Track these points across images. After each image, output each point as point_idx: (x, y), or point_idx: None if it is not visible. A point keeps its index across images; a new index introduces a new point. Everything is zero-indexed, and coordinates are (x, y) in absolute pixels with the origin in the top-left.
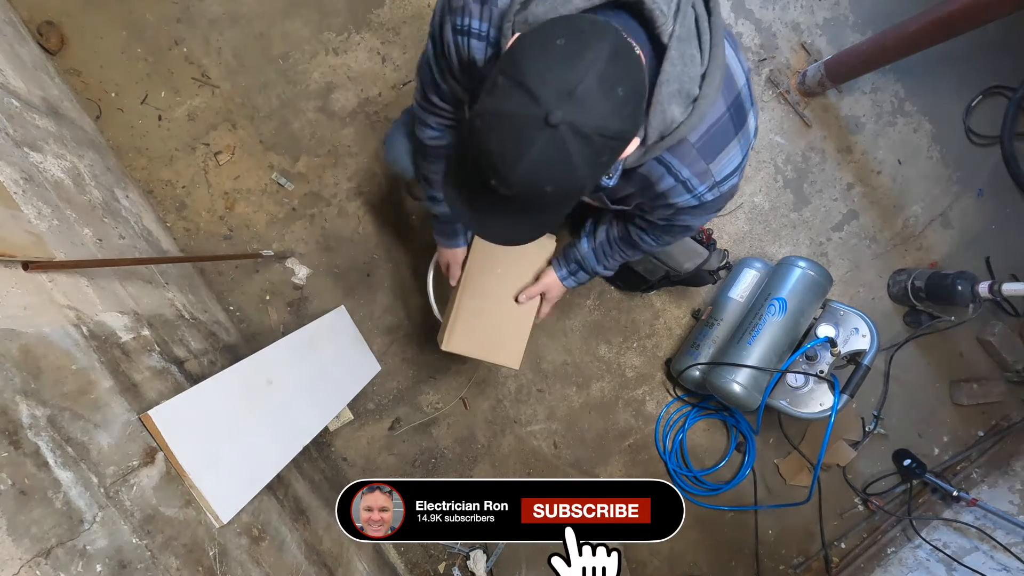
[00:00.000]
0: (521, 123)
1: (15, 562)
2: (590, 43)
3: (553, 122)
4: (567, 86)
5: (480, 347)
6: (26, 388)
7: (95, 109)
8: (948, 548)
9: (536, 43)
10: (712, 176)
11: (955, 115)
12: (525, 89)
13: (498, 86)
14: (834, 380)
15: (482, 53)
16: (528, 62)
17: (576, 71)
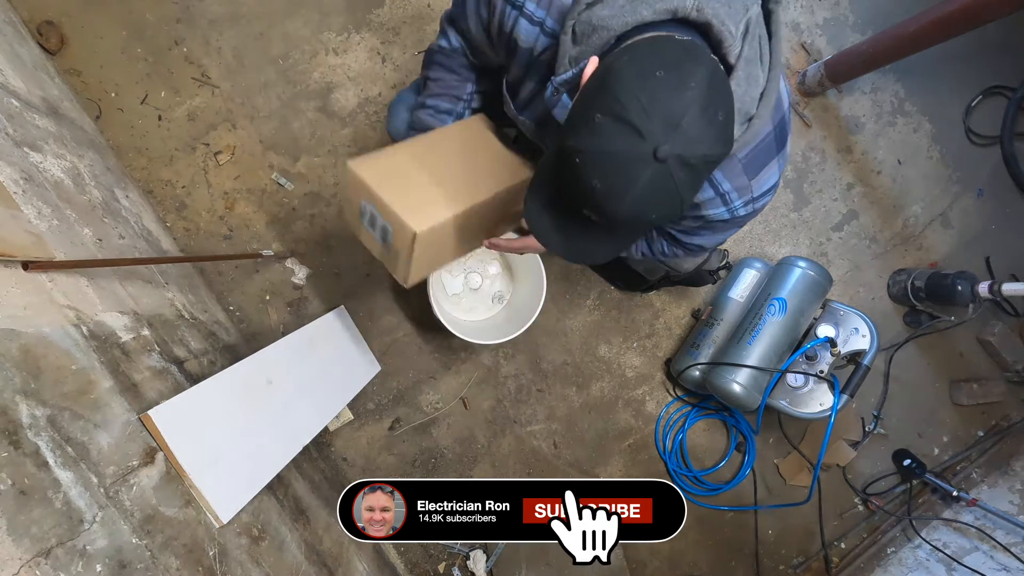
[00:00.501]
0: (627, 160)
1: (15, 562)
2: (690, 71)
3: (661, 157)
4: (672, 119)
5: (388, 189)
6: (26, 388)
7: (95, 109)
8: (948, 548)
9: (634, 75)
10: (751, 192)
11: (955, 115)
12: (630, 126)
13: (598, 124)
14: (834, 380)
15: (530, 37)
16: (629, 97)
17: (680, 102)
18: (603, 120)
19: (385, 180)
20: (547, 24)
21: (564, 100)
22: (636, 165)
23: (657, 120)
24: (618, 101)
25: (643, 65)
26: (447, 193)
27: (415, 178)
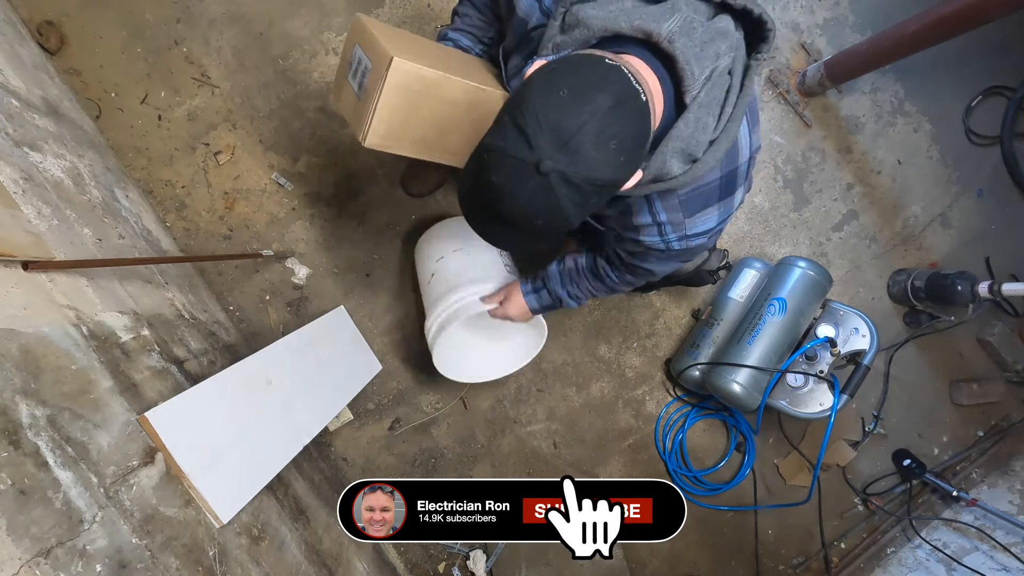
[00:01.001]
0: (517, 165)
1: (15, 562)
2: (591, 95)
3: (543, 171)
4: (561, 137)
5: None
6: (26, 388)
7: (95, 109)
8: (948, 548)
9: (541, 89)
10: (684, 229)
11: (955, 115)
12: (523, 134)
13: (503, 124)
14: (834, 380)
15: (528, 9)
16: (529, 109)
17: (572, 123)
18: (508, 123)
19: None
20: (545, 2)
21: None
22: (523, 172)
23: (546, 136)
24: (520, 109)
25: (554, 81)
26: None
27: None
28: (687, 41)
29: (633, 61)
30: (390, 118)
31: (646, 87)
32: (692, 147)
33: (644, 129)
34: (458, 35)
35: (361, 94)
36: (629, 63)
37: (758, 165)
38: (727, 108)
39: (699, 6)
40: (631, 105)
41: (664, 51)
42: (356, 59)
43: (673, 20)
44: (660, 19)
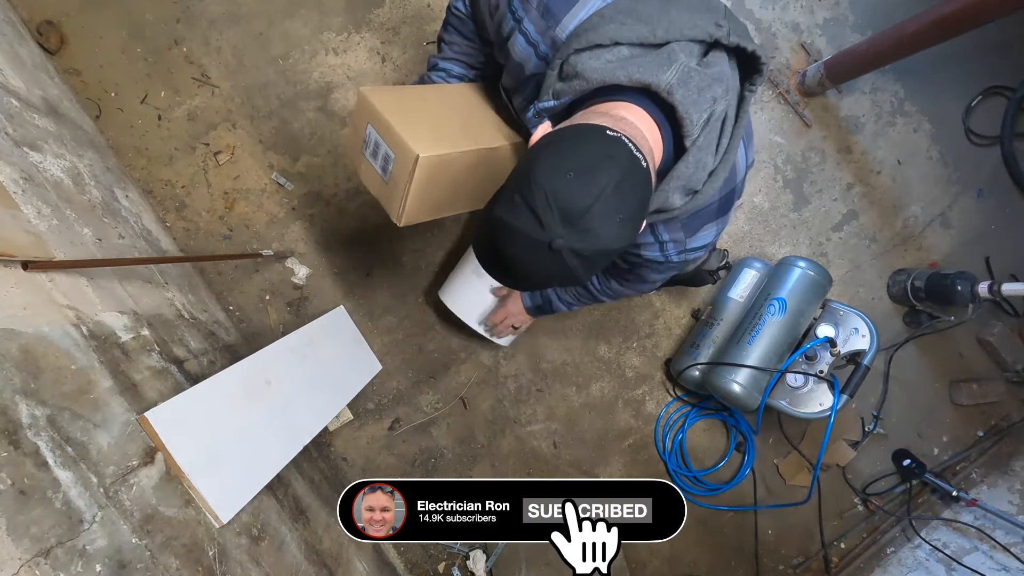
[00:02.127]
0: (529, 241)
1: (15, 562)
2: (596, 176)
3: (555, 248)
4: (571, 218)
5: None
6: (26, 388)
7: (95, 109)
8: (948, 548)
9: (549, 172)
10: (685, 245)
11: (955, 115)
12: (534, 214)
13: (513, 202)
14: (834, 380)
15: (524, 54)
16: (538, 190)
17: (581, 203)
18: (519, 201)
19: (394, 108)
20: (540, 48)
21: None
22: (535, 248)
23: (556, 215)
24: (530, 190)
25: (560, 161)
26: (454, 132)
27: (424, 112)
28: (685, 91)
29: (632, 112)
30: (420, 200)
31: (645, 147)
32: (693, 183)
33: (647, 195)
34: (449, 64)
35: (388, 179)
36: (628, 122)
37: (758, 165)
38: (723, 140)
39: (693, 48)
40: (635, 178)
41: (663, 100)
42: (373, 141)
43: (671, 71)
44: (658, 71)
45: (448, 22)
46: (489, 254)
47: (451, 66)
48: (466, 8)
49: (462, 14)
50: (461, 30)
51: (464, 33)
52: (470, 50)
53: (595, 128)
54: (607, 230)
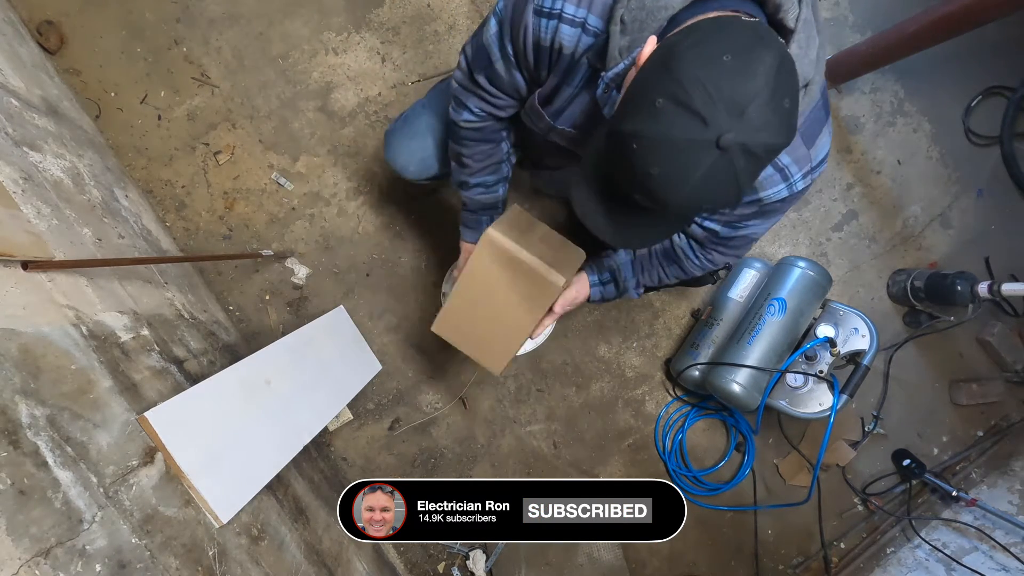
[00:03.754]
0: (688, 147)
1: (14, 562)
2: (759, 57)
3: (724, 145)
4: (738, 107)
5: (467, 341)
6: (25, 388)
7: (94, 108)
8: (947, 548)
9: (699, 59)
10: (810, 161)
11: (955, 115)
12: (693, 112)
13: (659, 109)
14: (833, 380)
15: (572, 40)
16: (693, 82)
17: (747, 89)
18: (665, 104)
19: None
20: (589, 22)
21: (614, 97)
22: (697, 153)
23: (722, 107)
24: (681, 86)
25: (709, 49)
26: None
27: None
28: None
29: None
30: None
31: None
32: (806, 69)
33: (797, 82)
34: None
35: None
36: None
37: None
38: (818, 15)
39: None
40: (788, 61)
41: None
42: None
43: None
44: None
45: (462, 137)
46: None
47: (484, 178)
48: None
49: (475, 120)
50: (478, 137)
51: (483, 137)
52: (492, 150)
53: (728, 17)
54: (777, 118)
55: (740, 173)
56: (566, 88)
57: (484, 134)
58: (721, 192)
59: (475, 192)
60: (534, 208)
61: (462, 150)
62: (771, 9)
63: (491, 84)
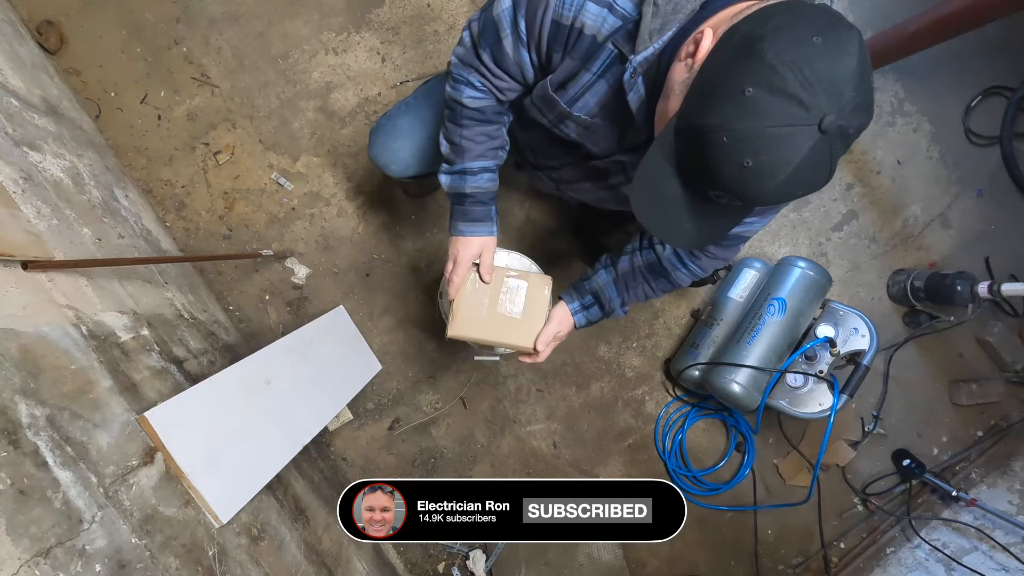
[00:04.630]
0: (788, 135)
1: (14, 562)
2: (846, 36)
3: (826, 128)
4: (837, 88)
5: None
6: (25, 388)
7: (94, 108)
8: (947, 548)
9: (789, 42)
10: None
11: (955, 115)
12: (791, 97)
13: (751, 98)
14: (833, 380)
15: (597, 21)
16: (787, 67)
17: (842, 70)
18: (756, 93)
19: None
20: (617, 2)
21: (639, 87)
22: (797, 139)
23: (820, 90)
24: (776, 71)
25: (798, 31)
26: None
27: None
28: None
29: None
30: None
31: None
32: None
33: None
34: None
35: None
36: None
37: None
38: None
39: None
40: (863, 41)
41: None
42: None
43: None
44: None
45: (464, 117)
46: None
47: (487, 163)
48: (483, 91)
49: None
50: (480, 117)
51: (485, 118)
52: (495, 132)
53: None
54: (867, 98)
55: (835, 156)
56: (584, 74)
57: (486, 115)
58: (815, 179)
59: (482, 180)
60: (533, 207)
61: (462, 131)
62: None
63: (495, 63)
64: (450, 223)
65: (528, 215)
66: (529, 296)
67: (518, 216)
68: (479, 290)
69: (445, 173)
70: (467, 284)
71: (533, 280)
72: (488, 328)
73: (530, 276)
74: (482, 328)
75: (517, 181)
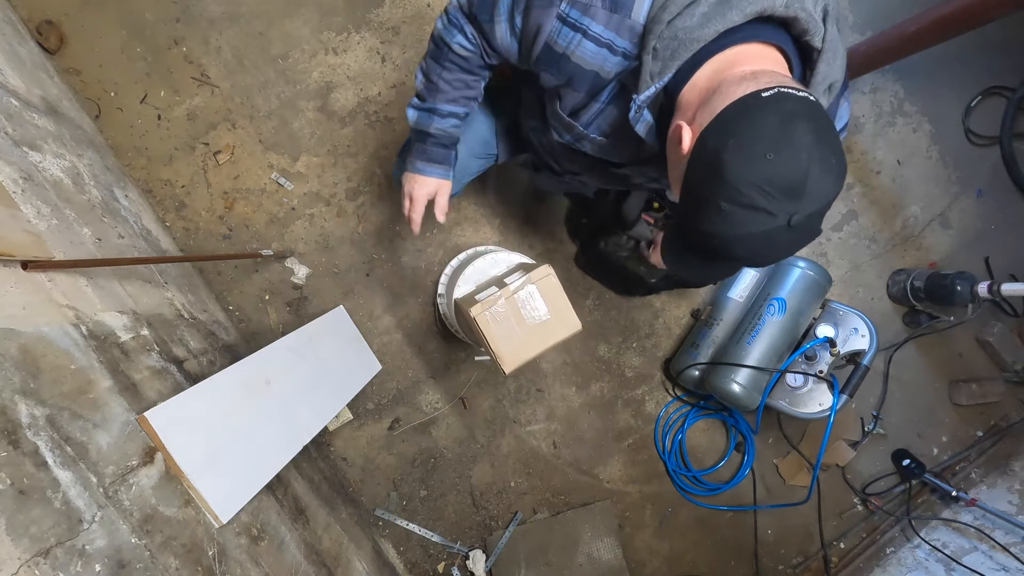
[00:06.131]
0: (760, 236)
1: (14, 562)
2: (796, 139)
3: (795, 224)
4: (796, 191)
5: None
6: (25, 388)
7: (94, 108)
8: (947, 548)
9: (744, 163)
10: None
11: (954, 115)
12: (758, 209)
13: (727, 212)
14: (833, 380)
15: (596, 59)
16: (747, 185)
17: (798, 173)
18: (730, 208)
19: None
20: (617, 44)
21: (646, 116)
22: (774, 236)
23: (781, 197)
24: (738, 190)
25: (748, 149)
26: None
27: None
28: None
29: (751, 53)
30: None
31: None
32: (833, 75)
33: (832, 123)
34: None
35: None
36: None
37: None
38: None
39: None
40: (820, 117)
41: (780, 17)
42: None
43: None
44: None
45: (447, 59)
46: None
47: (456, 109)
48: (473, 44)
49: (468, 51)
50: (466, 66)
51: (469, 67)
52: (473, 83)
53: (752, 98)
54: (831, 176)
55: (813, 228)
56: (594, 104)
57: (471, 64)
58: (804, 244)
59: (448, 123)
60: (532, 205)
61: (443, 72)
62: (797, 32)
63: (483, 36)
64: (408, 160)
65: (523, 206)
66: (544, 294)
67: (516, 212)
68: (501, 320)
69: (414, 108)
70: (489, 325)
71: (536, 277)
72: (532, 342)
73: (531, 275)
74: (528, 346)
75: (519, 183)
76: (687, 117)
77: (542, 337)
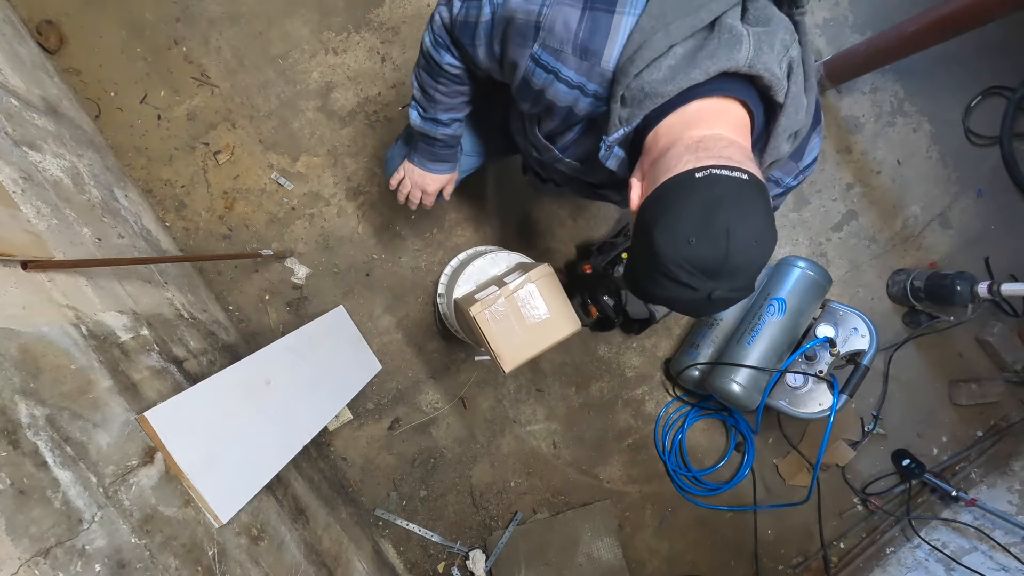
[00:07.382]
0: (693, 301)
1: (14, 562)
2: (714, 225)
3: (715, 298)
4: (714, 272)
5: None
6: (25, 387)
7: (94, 108)
8: (947, 548)
9: (670, 244)
10: (798, 167)
11: (954, 115)
12: (680, 283)
13: (658, 280)
14: (833, 380)
15: (568, 98)
16: (671, 264)
17: (715, 257)
18: (661, 279)
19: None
20: (588, 87)
21: (616, 152)
22: (700, 304)
23: (703, 276)
24: (665, 266)
25: (674, 232)
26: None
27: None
28: (760, 56)
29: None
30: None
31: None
32: (795, 125)
33: (765, 196)
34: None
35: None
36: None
37: None
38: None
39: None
40: (748, 198)
41: (744, 74)
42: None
43: (743, 47)
44: (730, 52)
45: (441, 76)
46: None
47: (457, 114)
48: (461, 62)
49: (458, 68)
50: (459, 79)
51: (463, 80)
52: (466, 90)
53: (684, 178)
54: (751, 257)
55: (739, 297)
56: (569, 133)
57: (463, 78)
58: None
59: (452, 128)
60: (532, 205)
61: (438, 87)
62: (761, 88)
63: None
64: (412, 154)
65: (523, 206)
66: (544, 293)
67: (516, 212)
68: (502, 319)
69: (420, 117)
70: (488, 324)
71: (536, 276)
72: (532, 341)
73: (530, 273)
74: (528, 345)
75: (518, 182)
76: (643, 169)
77: (542, 336)
